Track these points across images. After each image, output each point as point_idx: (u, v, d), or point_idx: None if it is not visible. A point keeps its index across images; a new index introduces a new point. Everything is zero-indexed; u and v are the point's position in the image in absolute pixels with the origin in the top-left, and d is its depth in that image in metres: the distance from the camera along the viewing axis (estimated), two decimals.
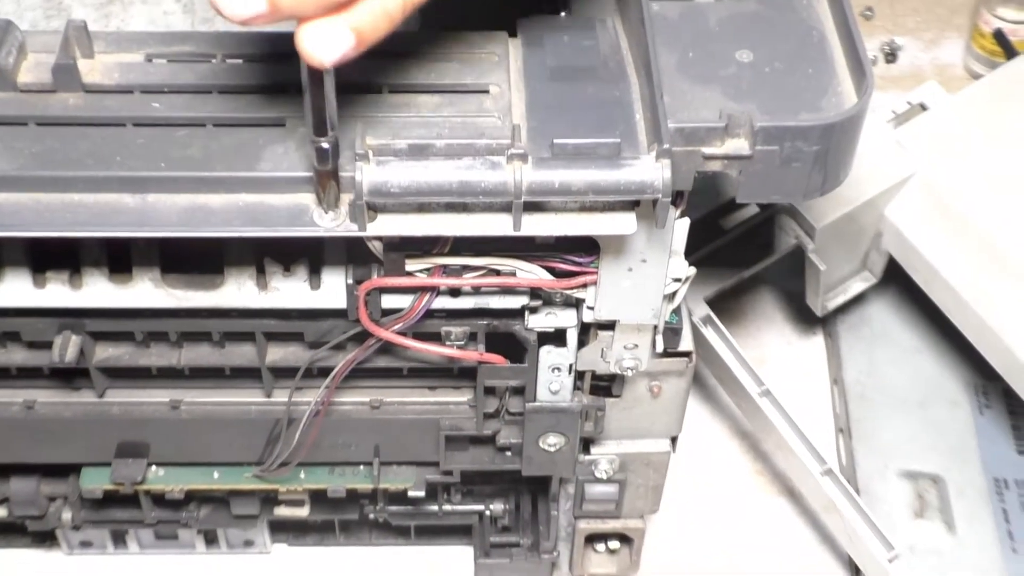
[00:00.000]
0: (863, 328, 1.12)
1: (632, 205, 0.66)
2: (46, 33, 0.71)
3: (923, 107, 1.03)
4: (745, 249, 1.05)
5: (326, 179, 0.63)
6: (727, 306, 1.10)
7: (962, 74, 1.39)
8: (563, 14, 0.79)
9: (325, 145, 0.62)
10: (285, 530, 0.99)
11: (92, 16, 0.85)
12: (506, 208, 0.65)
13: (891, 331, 1.11)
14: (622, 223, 0.66)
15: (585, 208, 0.66)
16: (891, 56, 1.41)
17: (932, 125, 1.01)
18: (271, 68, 0.70)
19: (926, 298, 1.01)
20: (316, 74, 0.59)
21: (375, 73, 0.70)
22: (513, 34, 0.73)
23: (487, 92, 0.70)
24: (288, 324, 0.76)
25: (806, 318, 1.14)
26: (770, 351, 1.13)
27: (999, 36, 1.33)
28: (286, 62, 0.70)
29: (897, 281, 1.09)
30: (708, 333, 0.99)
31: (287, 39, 0.71)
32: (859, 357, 1.10)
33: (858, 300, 1.10)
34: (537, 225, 0.66)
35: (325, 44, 0.56)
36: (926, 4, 1.47)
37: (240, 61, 0.71)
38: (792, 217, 0.98)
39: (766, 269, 1.07)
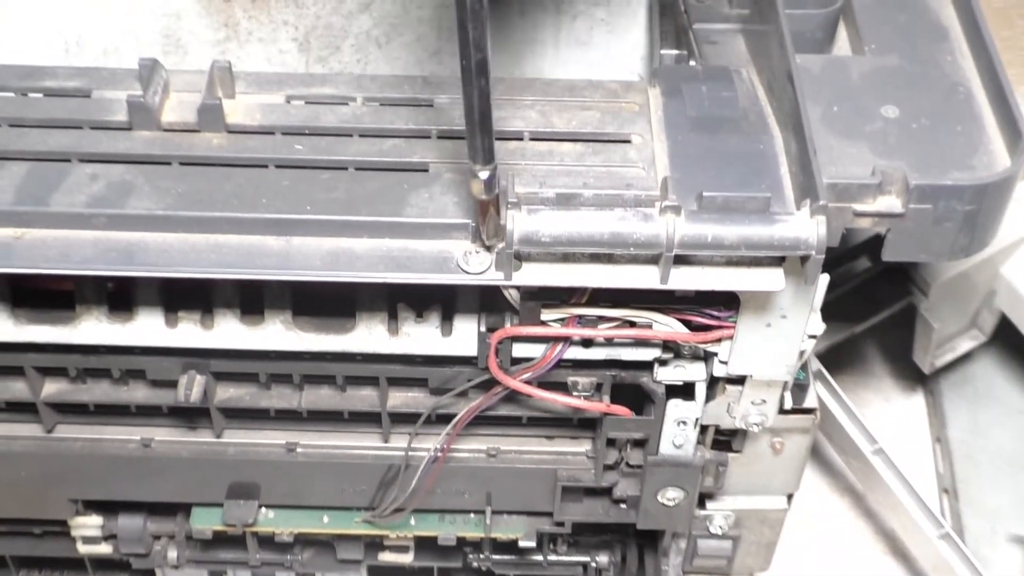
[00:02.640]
0: (966, 387, 1.10)
1: (779, 260, 0.65)
2: (187, 72, 0.71)
3: None
4: (852, 303, 1.04)
5: (487, 209, 0.62)
6: (826, 360, 1.09)
7: None
8: (692, 63, 0.79)
9: (489, 173, 0.60)
10: (382, 575, 0.98)
11: (210, 53, 0.85)
12: (652, 260, 0.64)
13: (997, 391, 1.09)
14: (770, 279, 0.65)
15: (731, 262, 0.65)
16: None
17: None
18: (411, 112, 0.70)
19: None
20: (485, 102, 0.57)
21: (516, 121, 0.70)
22: None
23: (629, 142, 0.69)
24: (413, 370, 0.75)
25: (906, 374, 1.13)
26: (870, 407, 1.11)
27: None
28: (427, 107, 0.70)
29: (1001, 340, 1.07)
30: (819, 388, 0.97)
31: (427, 84, 0.72)
32: (963, 416, 1.08)
33: (961, 358, 1.09)
34: (684, 279, 0.65)
35: None
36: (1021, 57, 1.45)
37: (378, 104, 0.71)
38: (906, 274, 0.97)
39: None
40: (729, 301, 0.70)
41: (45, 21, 0.83)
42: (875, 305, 1.03)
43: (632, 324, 0.70)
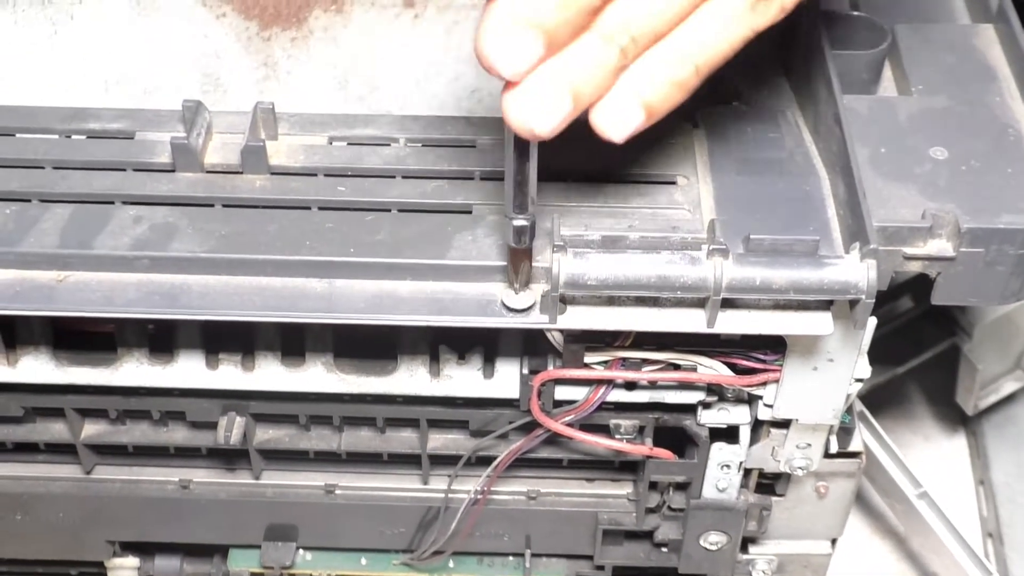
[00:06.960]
0: (1009, 428, 1.09)
1: (827, 304, 0.64)
2: (229, 114, 0.71)
3: None
4: (895, 344, 1.02)
5: (520, 259, 0.62)
6: (868, 401, 1.07)
7: None
8: (735, 103, 0.78)
9: (524, 223, 0.59)
10: None
11: (250, 92, 0.85)
12: (698, 303, 0.63)
13: None
14: (818, 323, 0.64)
15: (778, 306, 0.64)
16: None
17: None
18: (454, 153, 0.70)
19: None
20: (523, 148, 0.56)
21: (563, 161, 0.69)
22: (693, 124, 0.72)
23: (675, 183, 0.68)
24: (454, 412, 0.75)
25: (948, 416, 1.11)
26: (912, 449, 1.10)
27: None
28: (470, 148, 0.70)
29: None
30: (862, 431, 0.96)
31: (470, 125, 0.71)
32: (1007, 458, 1.07)
33: (1005, 400, 1.07)
34: (730, 322, 0.64)
35: (614, 121, 0.54)
36: None
37: (420, 145, 0.71)
38: (949, 315, 0.96)
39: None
40: (775, 344, 0.69)
41: (85, 60, 0.83)
42: (918, 346, 1.01)
43: (676, 367, 0.70)
